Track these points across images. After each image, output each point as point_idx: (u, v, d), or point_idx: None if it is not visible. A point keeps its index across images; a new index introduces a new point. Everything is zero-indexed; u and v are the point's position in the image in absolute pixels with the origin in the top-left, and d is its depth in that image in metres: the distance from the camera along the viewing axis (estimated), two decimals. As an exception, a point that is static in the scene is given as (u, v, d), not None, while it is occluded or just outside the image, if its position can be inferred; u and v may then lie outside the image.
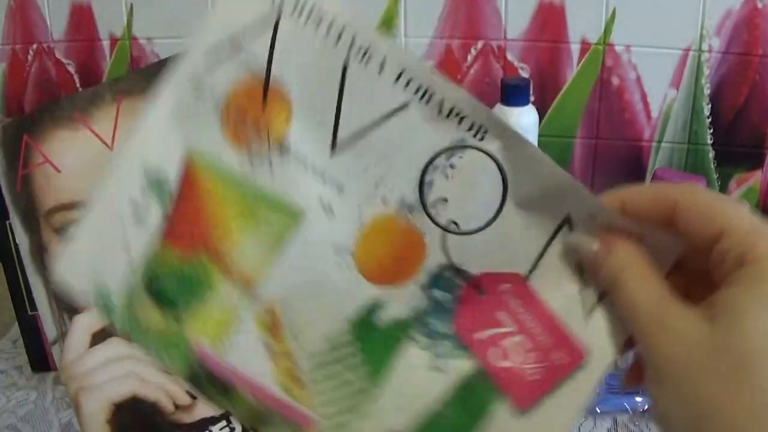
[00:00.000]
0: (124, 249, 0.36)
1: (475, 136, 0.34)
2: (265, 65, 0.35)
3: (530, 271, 0.34)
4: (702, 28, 0.78)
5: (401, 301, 0.35)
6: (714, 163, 0.83)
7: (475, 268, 0.34)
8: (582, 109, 0.83)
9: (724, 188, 0.83)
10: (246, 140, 0.36)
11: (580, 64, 0.81)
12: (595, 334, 0.33)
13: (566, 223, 0.33)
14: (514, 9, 0.80)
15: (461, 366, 0.34)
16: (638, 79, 0.81)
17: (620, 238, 0.32)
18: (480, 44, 0.82)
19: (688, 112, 0.82)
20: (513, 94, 0.74)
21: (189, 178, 0.36)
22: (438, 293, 0.35)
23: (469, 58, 0.83)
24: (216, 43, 0.36)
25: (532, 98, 0.77)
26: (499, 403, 0.33)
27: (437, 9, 0.81)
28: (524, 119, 0.74)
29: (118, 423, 0.42)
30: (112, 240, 0.36)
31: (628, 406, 0.61)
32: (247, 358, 0.36)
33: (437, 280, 0.35)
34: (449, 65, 0.83)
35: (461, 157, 0.34)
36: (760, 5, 0.76)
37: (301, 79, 0.35)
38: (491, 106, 0.76)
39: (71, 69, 0.88)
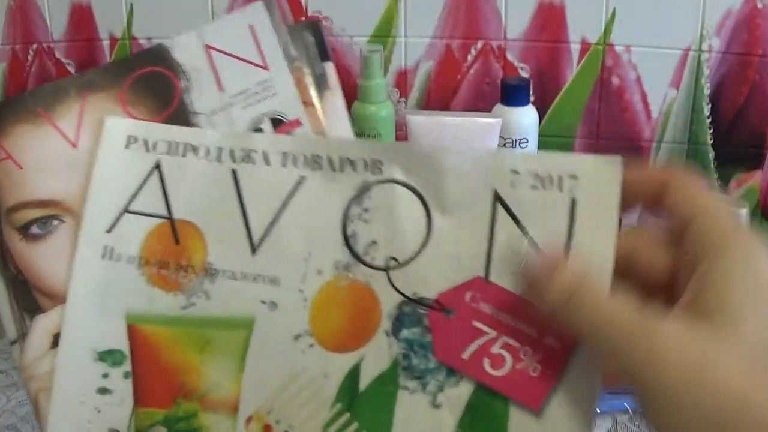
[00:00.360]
0: (108, 429, 0.37)
1: (373, 172, 0.35)
2: (166, 211, 0.37)
3: (487, 269, 0.33)
4: (702, 28, 0.78)
5: (376, 356, 0.34)
6: (714, 163, 0.83)
7: (432, 292, 0.34)
8: (582, 109, 0.83)
9: (724, 188, 0.83)
10: (174, 282, 0.37)
11: (580, 64, 0.81)
12: None
13: (497, 200, 0.33)
14: (514, 9, 0.80)
15: (460, 392, 0.33)
16: (638, 79, 0.81)
17: (564, 255, 0.31)
18: (480, 44, 0.82)
19: (688, 112, 0.82)
20: (513, 94, 0.74)
21: (137, 340, 0.37)
22: (407, 332, 0.34)
23: (469, 58, 0.83)
24: (113, 217, 0.38)
25: (532, 98, 0.77)
26: (512, 413, 0.32)
27: (437, 9, 0.81)
28: (524, 119, 0.74)
29: None
30: (90, 427, 0.37)
31: (628, 406, 0.61)
32: None
33: (401, 320, 0.34)
34: (449, 65, 0.83)
35: (370, 198, 0.35)
36: (760, 5, 0.76)
37: (200, 205, 0.37)
38: (491, 106, 0.76)
39: (71, 69, 0.88)
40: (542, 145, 0.77)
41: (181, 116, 0.40)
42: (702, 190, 0.30)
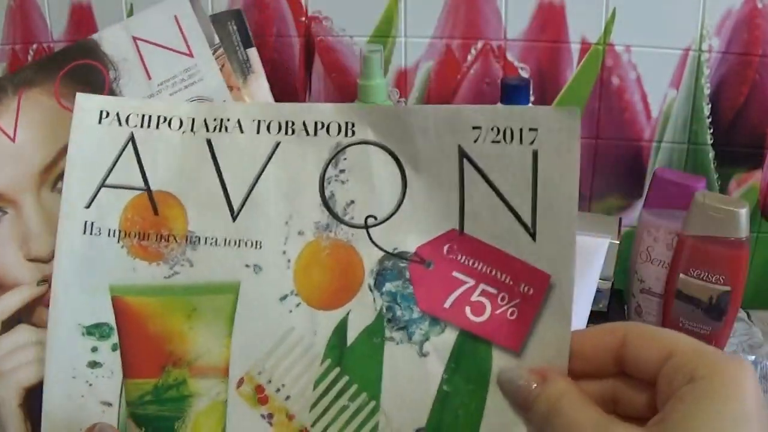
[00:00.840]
0: (101, 402, 0.38)
1: (346, 135, 0.36)
2: (142, 183, 0.38)
3: (461, 222, 0.35)
4: (702, 28, 0.78)
5: (361, 310, 0.36)
6: (714, 163, 0.83)
7: (411, 246, 0.35)
8: (582, 109, 0.83)
9: (724, 188, 0.83)
10: (156, 252, 0.38)
11: (580, 64, 0.81)
12: (550, 251, 0.34)
13: (463, 156, 0.34)
14: (514, 9, 0.80)
15: (445, 340, 0.35)
16: (638, 79, 0.81)
17: (552, 371, 0.33)
18: (480, 44, 0.82)
19: (688, 112, 0.82)
20: (513, 94, 0.74)
21: (123, 312, 0.38)
22: (389, 285, 0.36)
23: (469, 58, 0.83)
24: (91, 192, 0.38)
25: (532, 98, 0.77)
26: (495, 354, 0.34)
27: (437, 9, 0.81)
28: (524, 119, 0.74)
29: (30, 407, 0.42)
30: (83, 401, 0.38)
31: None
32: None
33: (383, 274, 0.36)
34: (449, 65, 0.83)
35: (346, 159, 0.36)
36: (760, 5, 0.76)
37: (177, 175, 0.38)
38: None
39: (71, 69, 0.88)
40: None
41: None
42: (665, 332, 0.32)
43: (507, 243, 0.34)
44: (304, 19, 0.83)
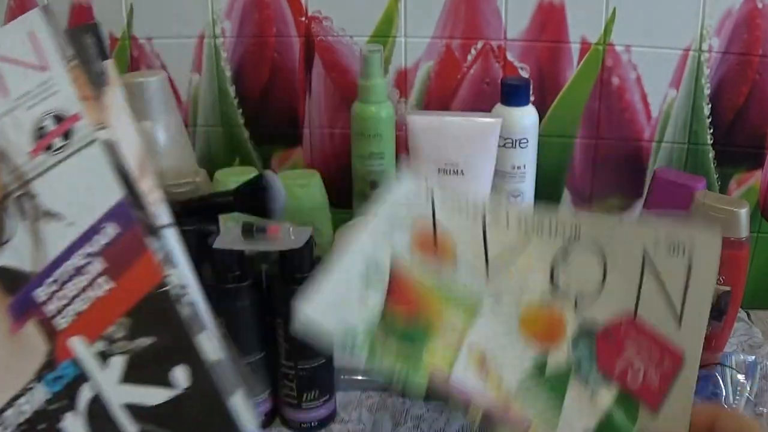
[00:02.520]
0: (363, 302, 0.46)
1: (573, 238, 0.47)
2: (431, 217, 0.49)
3: (636, 308, 0.45)
4: (702, 28, 0.78)
5: (557, 357, 0.46)
6: (714, 163, 0.83)
7: (601, 319, 0.45)
8: (582, 109, 0.83)
9: (724, 188, 0.83)
10: (431, 256, 0.48)
11: (580, 64, 0.81)
12: (688, 336, 0.43)
13: (644, 258, 0.44)
14: (514, 9, 0.80)
15: (608, 393, 0.45)
16: (638, 79, 0.81)
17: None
18: (480, 44, 0.82)
19: (688, 112, 0.82)
20: (513, 94, 0.74)
21: (396, 269, 0.47)
22: (582, 346, 0.46)
23: (469, 58, 0.83)
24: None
25: (532, 98, 0.77)
26: (641, 411, 0.44)
27: (437, 9, 0.81)
28: (524, 119, 0.74)
29: None
30: (353, 294, 0.45)
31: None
32: (468, 381, 0.46)
33: (579, 338, 0.46)
34: (449, 65, 0.83)
35: (569, 255, 0.47)
36: (760, 5, 0.76)
37: (456, 229, 0.48)
38: (491, 106, 0.77)
39: (71, 69, 0.88)
40: (542, 145, 0.77)
41: None
42: (749, 420, 0.39)
43: (661, 326, 0.44)
44: (304, 19, 0.83)
